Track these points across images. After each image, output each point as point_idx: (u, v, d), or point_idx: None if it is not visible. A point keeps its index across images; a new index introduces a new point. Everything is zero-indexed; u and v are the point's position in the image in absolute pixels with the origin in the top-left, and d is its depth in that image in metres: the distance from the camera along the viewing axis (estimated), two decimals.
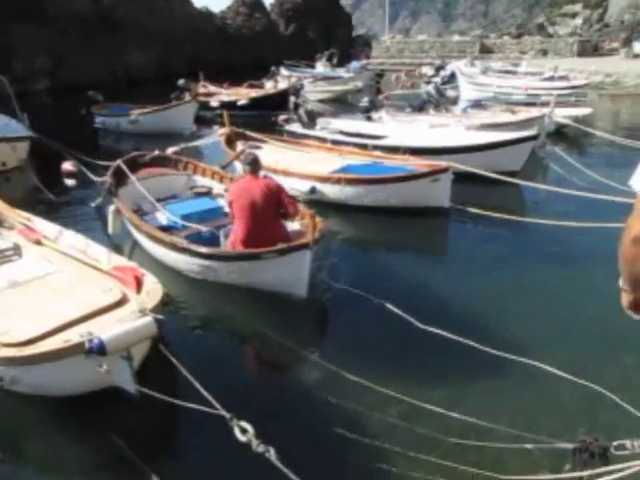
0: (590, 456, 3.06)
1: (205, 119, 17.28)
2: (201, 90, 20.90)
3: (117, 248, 6.91)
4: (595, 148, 13.48)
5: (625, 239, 1.89)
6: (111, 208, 7.26)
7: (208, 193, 8.05)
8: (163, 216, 6.96)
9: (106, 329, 3.70)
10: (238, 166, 9.29)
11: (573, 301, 5.59)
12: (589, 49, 41.62)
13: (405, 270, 6.51)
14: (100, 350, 3.56)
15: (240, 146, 10.60)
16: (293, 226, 6.29)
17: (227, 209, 6.48)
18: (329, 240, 6.61)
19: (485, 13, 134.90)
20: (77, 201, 9.59)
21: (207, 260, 5.75)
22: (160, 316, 3.92)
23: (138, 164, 8.71)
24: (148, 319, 3.83)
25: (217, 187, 8.22)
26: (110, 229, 7.24)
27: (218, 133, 11.63)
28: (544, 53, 41.69)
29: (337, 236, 7.40)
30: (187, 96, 16.81)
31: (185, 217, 6.70)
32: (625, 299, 2.13)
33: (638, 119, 19.70)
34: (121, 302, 4.31)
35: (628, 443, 2.92)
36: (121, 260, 5.22)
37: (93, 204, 8.59)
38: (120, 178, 7.87)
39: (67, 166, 11.05)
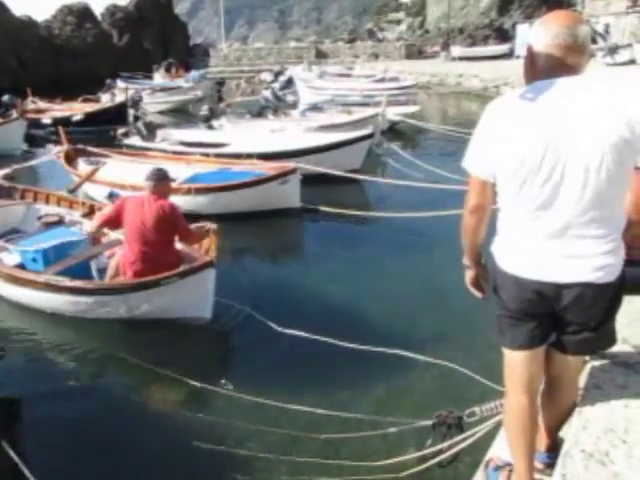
0: (447, 428, 3.29)
1: (37, 138, 16.06)
2: (30, 106, 19.51)
3: None
4: (426, 142, 14.56)
5: (464, 212, 2.12)
6: None
7: (60, 222, 6.98)
8: (12, 255, 6.00)
9: None
10: (89, 189, 8.73)
11: (420, 286, 5.96)
12: (415, 52, 45.01)
13: (264, 274, 6.55)
14: None
15: (82, 163, 9.99)
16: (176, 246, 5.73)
17: (88, 238, 5.97)
18: None
19: (319, 20, 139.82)
20: None
21: (95, 296, 5.10)
22: None
23: None
24: None
25: (69, 215, 7.26)
26: None
27: (54, 152, 10.88)
28: (375, 56, 44.25)
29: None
30: (14, 113, 15.51)
31: (46, 252, 5.73)
32: (468, 276, 2.34)
33: (461, 113, 21.60)
34: None
35: (477, 409, 3.20)
36: None
37: None
38: None
39: None
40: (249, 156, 9.51)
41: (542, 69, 1.93)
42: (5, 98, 18.26)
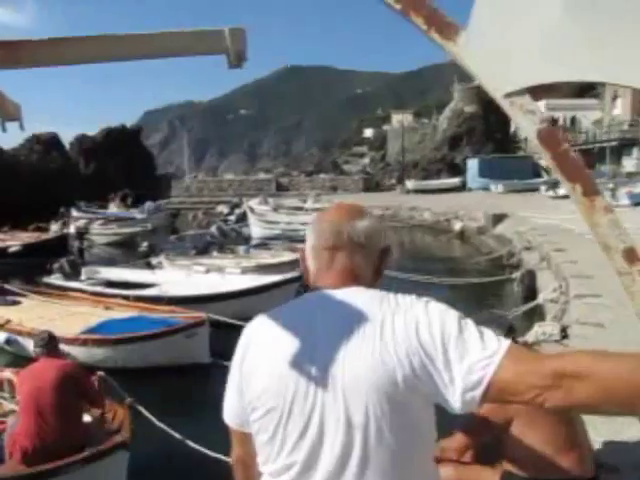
0: None
1: None
2: None
3: None
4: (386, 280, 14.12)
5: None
6: None
7: None
8: None
9: None
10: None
11: None
12: (373, 186, 46.79)
13: (166, 450, 5.33)
14: None
15: None
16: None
17: None
18: None
19: (287, 152, 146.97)
20: None
21: None
22: None
23: None
24: None
25: None
26: None
27: None
28: (334, 189, 45.77)
29: None
30: None
31: None
32: None
33: (417, 247, 21.65)
34: None
35: None
36: None
37: None
38: None
39: None
40: (171, 300, 9.05)
41: (314, 273, 1.54)
42: None
